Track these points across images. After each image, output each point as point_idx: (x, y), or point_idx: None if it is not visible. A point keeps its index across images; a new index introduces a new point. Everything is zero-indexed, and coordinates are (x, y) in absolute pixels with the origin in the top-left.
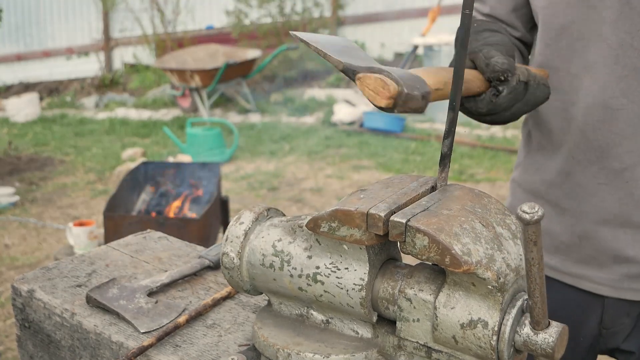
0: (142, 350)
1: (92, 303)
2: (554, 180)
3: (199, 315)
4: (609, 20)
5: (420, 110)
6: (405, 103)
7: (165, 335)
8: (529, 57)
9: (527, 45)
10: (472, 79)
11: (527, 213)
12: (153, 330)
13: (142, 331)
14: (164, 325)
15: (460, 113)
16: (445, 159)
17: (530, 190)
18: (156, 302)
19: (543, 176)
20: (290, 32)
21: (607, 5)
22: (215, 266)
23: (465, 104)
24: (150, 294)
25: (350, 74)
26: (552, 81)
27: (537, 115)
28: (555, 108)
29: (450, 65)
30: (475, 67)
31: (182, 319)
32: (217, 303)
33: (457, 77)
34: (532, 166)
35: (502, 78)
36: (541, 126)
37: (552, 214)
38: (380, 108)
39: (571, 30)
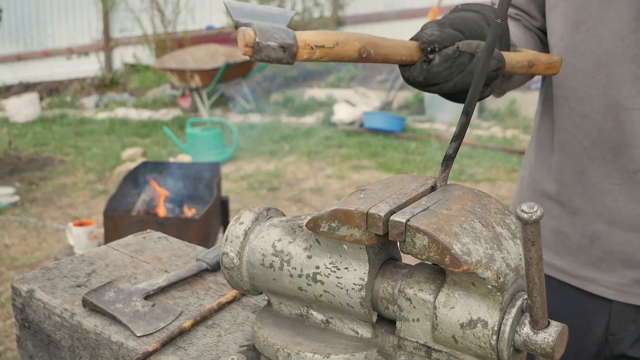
0: (147, 355)
1: (89, 306)
2: (567, 180)
3: (204, 320)
4: (628, 18)
5: (283, 61)
6: (261, 51)
7: (170, 340)
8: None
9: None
10: (400, 46)
11: (525, 212)
12: (150, 334)
13: (138, 334)
14: (160, 329)
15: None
16: (448, 160)
17: (540, 190)
18: (153, 306)
19: (555, 175)
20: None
21: (626, 2)
22: (213, 269)
23: (402, 73)
24: (147, 297)
25: (236, 28)
26: (560, 75)
27: (547, 113)
28: (562, 105)
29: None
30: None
31: (187, 324)
32: (222, 307)
33: (477, 83)
34: (543, 165)
35: (429, 49)
36: (552, 124)
37: (563, 214)
38: (249, 57)
39: (587, 26)
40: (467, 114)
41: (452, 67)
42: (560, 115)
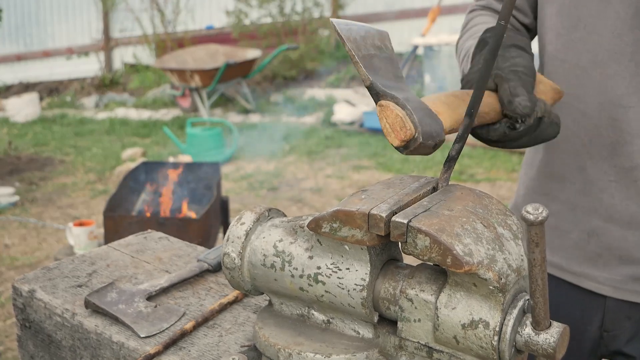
0: (148, 358)
1: (91, 307)
2: (567, 176)
3: (205, 321)
4: (625, 16)
5: (427, 154)
6: (417, 149)
7: (173, 343)
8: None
9: (531, 32)
10: (489, 110)
11: (530, 214)
12: (153, 335)
13: (142, 335)
14: (164, 330)
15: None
16: (450, 162)
17: (538, 187)
18: (155, 307)
19: (555, 171)
20: (330, 19)
21: (623, 0)
22: (214, 270)
23: (477, 130)
24: (149, 298)
25: (374, 95)
26: (558, 72)
27: None
28: (561, 102)
29: (467, 84)
30: (496, 89)
31: (189, 326)
32: (224, 308)
33: (479, 86)
34: (542, 162)
35: (520, 121)
36: None
37: (562, 210)
38: (393, 145)
39: (584, 23)
40: (470, 116)
41: (526, 132)
42: (559, 112)
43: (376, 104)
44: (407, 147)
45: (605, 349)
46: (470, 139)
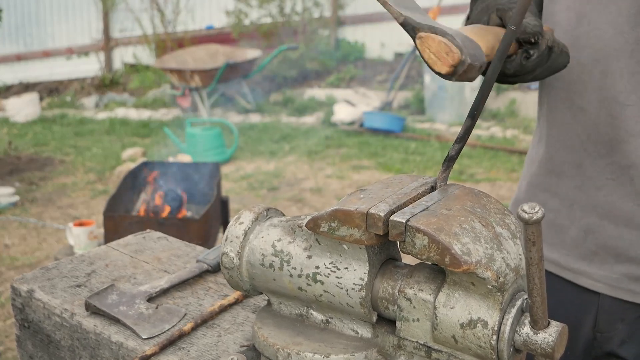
0: (145, 358)
1: (92, 310)
2: (565, 172)
3: (204, 322)
4: (628, 13)
5: (472, 79)
6: (465, 73)
7: (170, 344)
8: None
9: None
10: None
11: (527, 213)
12: (155, 336)
13: (144, 337)
14: (166, 331)
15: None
16: (450, 161)
17: (538, 183)
18: (157, 308)
19: (554, 167)
20: None
21: None
22: (213, 270)
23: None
24: (150, 299)
25: (409, 30)
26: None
27: (547, 106)
28: (561, 98)
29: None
30: (502, 25)
31: (187, 327)
32: (223, 309)
33: (485, 88)
34: (543, 158)
35: (533, 40)
36: (554, 118)
37: (560, 207)
38: (438, 74)
39: (589, 19)
40: (472, 117)
41: (540, 62)
42: (559, 108)
43: (414, 38)
44: (456, 72)
45: (600, 350)
46: (470, 138)
